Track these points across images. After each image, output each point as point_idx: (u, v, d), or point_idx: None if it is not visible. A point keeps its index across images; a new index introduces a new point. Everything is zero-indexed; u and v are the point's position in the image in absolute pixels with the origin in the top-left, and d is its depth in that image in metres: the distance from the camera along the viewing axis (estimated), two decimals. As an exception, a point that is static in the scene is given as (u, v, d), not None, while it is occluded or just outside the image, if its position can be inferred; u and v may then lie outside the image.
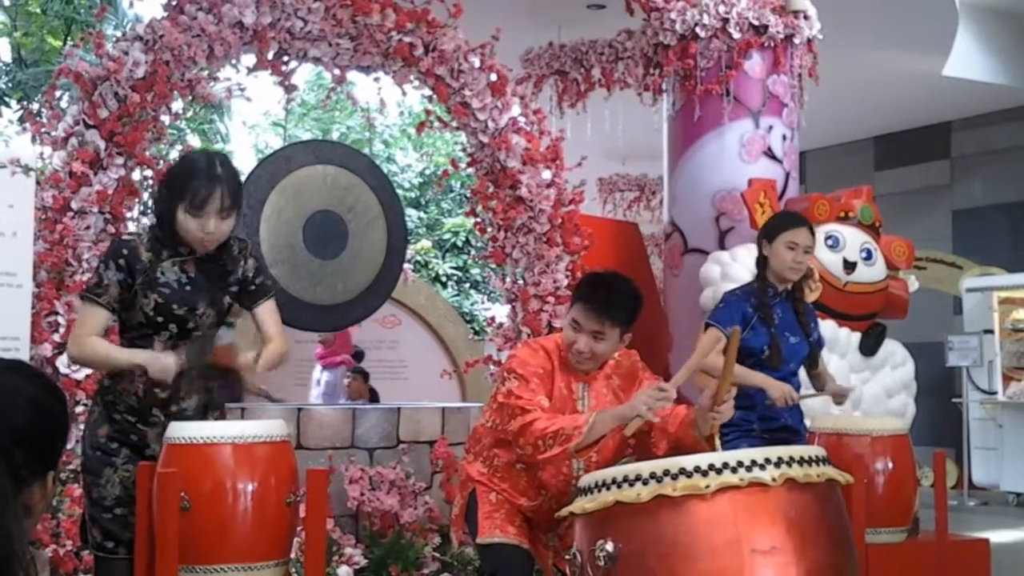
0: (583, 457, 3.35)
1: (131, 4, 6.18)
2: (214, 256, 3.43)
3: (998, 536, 7.67)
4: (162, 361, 3.24)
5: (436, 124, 6.39)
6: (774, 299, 4.29)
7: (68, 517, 4.67)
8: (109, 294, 3.32)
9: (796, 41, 7.02)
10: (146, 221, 5.78)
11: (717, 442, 3.43)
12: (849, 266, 6.33)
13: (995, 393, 10.31)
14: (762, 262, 4.35)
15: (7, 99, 15.17)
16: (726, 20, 6.89)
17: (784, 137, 7.08)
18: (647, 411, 3.14)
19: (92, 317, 3.34)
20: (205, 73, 5.59)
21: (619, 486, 2.37)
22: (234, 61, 5.77)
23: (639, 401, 3.18)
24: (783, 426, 4.22)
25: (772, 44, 6.96)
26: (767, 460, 2.33)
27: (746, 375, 4.14)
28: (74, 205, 5.16)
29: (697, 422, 3.28)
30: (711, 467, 2.31)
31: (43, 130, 5.26)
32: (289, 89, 6.00)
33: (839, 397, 4.41)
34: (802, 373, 4.49)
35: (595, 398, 3.49)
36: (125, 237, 3.42)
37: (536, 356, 3.46)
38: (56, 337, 5.00)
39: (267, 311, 3.58)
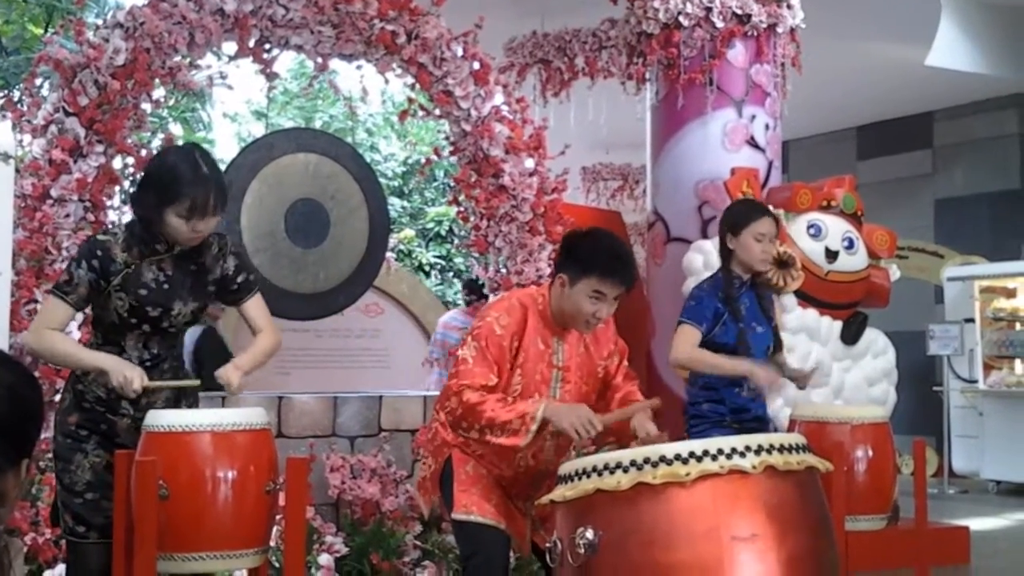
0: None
1: (112, -9, 6.12)
2: (192, 254, 3.42)
3: (978, 524, 7.73)
4: (126, 373, 3.22)
5: (419, 112, 6.37)
6: (740, 290, 4.26)
7: (47, 505, 4.65)
8: (77, 293, 3.33)
9: (779, 30, 7.01)
10: (126, 209, 5.75)
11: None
12: (831, 255, 6.35)
13: (976, 381, 10.37)
14: (727, 254, 4.29)
15: (-13, 87, 15.05)
16: (709, 9, 6.88)
17: (767, 126, 7.09)
18: (575, 433, 3.18)
19: (55, 312, 3.35)
20: (186, 61, 5.56)
21: (600, 474, 2.37)
22: (215, 49, 5.74)
23: (576, 420, 3.19)
24: (754, 417, 4.22)
25: (755, 33, 6.96)
26: (747, 448, 2.33)
27: (730, 365, 4.11)
28: (54, 193, 5.13)
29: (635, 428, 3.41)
30: (691, 455, 2.31)
31: (23, 118, 5.23)
32: (271, 77, 5.97)
33: (800, 380, 4.40)
34: None
35: (569, 351, 3.51)
36: (100, 237, 3.40)
37: (511, 314, 3.43)
38: (35, 326, 4.97)
39: (254, 306, 3.59)
